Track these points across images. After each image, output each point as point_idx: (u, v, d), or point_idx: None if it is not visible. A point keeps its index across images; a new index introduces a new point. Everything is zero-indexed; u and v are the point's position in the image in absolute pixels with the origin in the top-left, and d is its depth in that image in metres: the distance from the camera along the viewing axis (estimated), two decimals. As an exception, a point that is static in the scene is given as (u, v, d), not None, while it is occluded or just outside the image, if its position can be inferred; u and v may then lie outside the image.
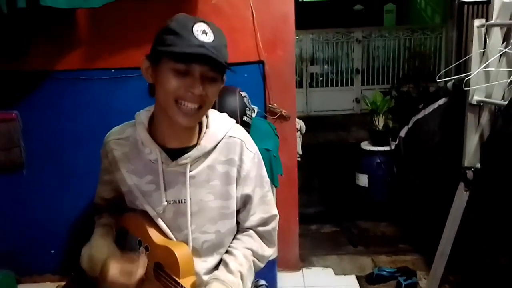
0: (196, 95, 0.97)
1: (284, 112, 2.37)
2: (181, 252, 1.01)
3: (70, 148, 2.35)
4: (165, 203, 1.07)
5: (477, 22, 1.87)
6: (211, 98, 1.02)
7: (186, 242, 1.08)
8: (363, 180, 3.52)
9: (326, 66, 5.84)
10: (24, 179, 2.37)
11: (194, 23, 0.96)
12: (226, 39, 1.03)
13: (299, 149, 2.98)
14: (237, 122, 1.19)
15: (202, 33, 0.96)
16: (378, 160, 3.50)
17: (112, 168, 1.14)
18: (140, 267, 1.02)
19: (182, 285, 0.96)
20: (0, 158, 2.26)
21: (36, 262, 2.48)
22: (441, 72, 2.22)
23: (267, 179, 1.20)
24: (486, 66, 1.79)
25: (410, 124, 3.08)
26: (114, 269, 1.03)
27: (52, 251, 2.48)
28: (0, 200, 2.40)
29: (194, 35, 0.95)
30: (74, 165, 2.35)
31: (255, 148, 1.16)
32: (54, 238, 2.45)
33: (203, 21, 0.98)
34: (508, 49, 1.71)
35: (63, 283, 2.46)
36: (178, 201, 1.08)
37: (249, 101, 2.01)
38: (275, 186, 1.96)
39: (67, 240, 2.43)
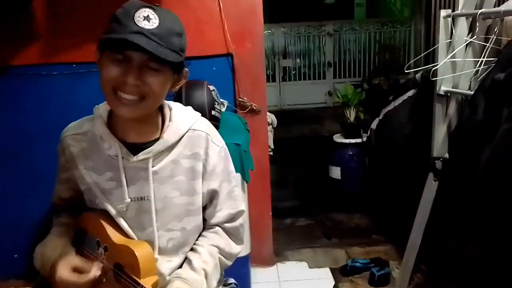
0: (130, 84, 0.91)
1: (255, 106, 2.34)
2: (141, 251, 0.96)
3: (30, 147, 2.24)
4: (128, 200, 1.02)
5: (443, 13, 1.88)
6: (154, 89, 0.94)
7: (150, 241, 1.03)
8: (336, 172, 3.54)
9: (298, 60, 5.84)
10: (-18, 180, 2.25)
11: (138, 9, 0.90)
12: (191, 33, 0.97)
13: (271, 143, 2.95)
14: (205, 117, 1.14)
15: (144, 19, 0.89)
16: (351, 153, 3.52)
17: (69, 165, 1.08)
18: (94, 267, 0.96)
19: (142, 285, 0.92)
20: (-46, 160, 2.14)
21: (0, 267, 2.37)
22: (409, 63, 2.23)
23: (235, 174, 1.16)
24: (453, 56, 1.80)
25: (381, 116, 3.11)
26: (64, 269, 0.97)
27: (16, 255, 2.38)
28: (-44, 203, 2.28)
29: (134, 21, 0.89)
30: (35, 165, 2.24)
31: (221, 142, 1.12)
32: (17, 241, 2.34)
33: (151, 7, 0.91)
34: (473, 39, 1.72)
35: (28, 288, 2.37)
36: (141, 198, 1.03)
37: (218, 95, 1.96)
38: (246, 181, 1.92)
39: (30, 243, 2.29)
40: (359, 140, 3.52)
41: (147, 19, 0.90)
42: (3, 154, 2.26)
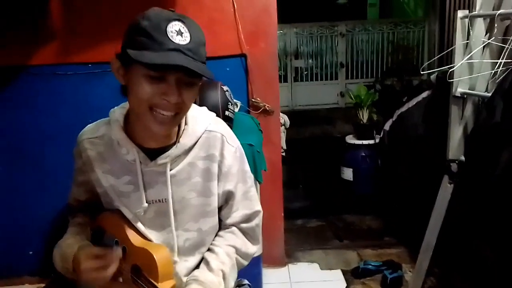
0: (171, 103, 0.91)
1: (268, 106, 2.33)
2: (160, 255, 0.96)
3: (46, 146, 2.27)
4: (146, 204, 1.03)
5: (460, 13, 1.85)
6: (188, 104, 0.96)
7: (167, 241, 1.04)
8: (348, 174, 3.52)
9: (310, 60, 5.83)
10: (-2, 178, 2.28)
11: (168, 23, 0.88)
12: (205, 34, 0.95)
13: (284, 144, 2.95)
14: (219, 117, 1.14)
15: (177, 34, 0.88)
16: (363, 154, 3.50)
17: (86, 168, 1.08)
18: (114, 258, 0.96)
19: (160, 289, 0.92)
20: (-28, 157, 2.18)
21: (14, 263, 2.41)
22: (424, 65, 2.20)
23: (250, 174, 1.16)
24: (470, 58, 1.78)
25: (394, 117, 3.08)
26: (87, 259, 0.96)
27: (30, 252, 2.41)
28: (-27, 201, 2.31)
29: (168, 37, 0.87)
30: (50, 164, 2.27)
31: (236, 142, 1.12)
32: (31, 238, 2.37)
33: (178, 18, 0.89)
34: (491, 40, 1.69)
35: (42, 285, 2.39)
36: (159, 201, 1.04)
37: (231, 95, 1.96)
38: (259, 182, 1.92)
39: (45, 241, 2.35)
40: (371, 142, 3.49)
41: (180, 34, 0.88)
42: (19, 152, 2.29)
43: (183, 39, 0.88)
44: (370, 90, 3.88)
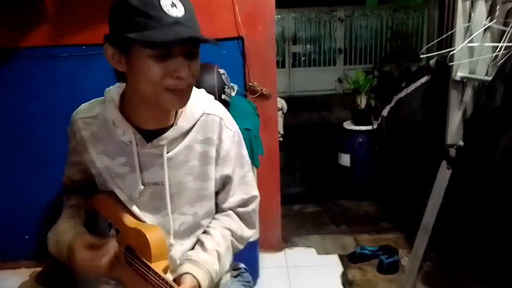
0: (184, 78, 0.89)
1: (265, 90, 2.30)
2: (153, 235, 0.95)
3: (40, 129, 2.24)
4: (142, 187, 1.01)
5: (462, -4, 1.82)
6: (197, 74, 0.94)
7: (162, 225, 1.02)
8: (345, 159, 3.51)
9: (308, 46, 5.78)
10: (-8, 163, 2.26)
11: None
12: (201, 15, 0.92)
13: (281, 129, 2.93)
14: (215, 100, 1.12)
15: (172, 6, 0.85)
16: (361, 140, 3.49)
17: (80, 148, 1.06)
18: (109, 249, 0.95)
19: (153, 270, 0.91)
20: (-35, 141, 2.15)
21: (10, 248, 2.40)
22: (423, 49, 2.17)
23: (248, 159, 1.14)
24: (470, 41, 1.75)
25: (393, 103, 3.05)
26: (81, 249, 0.96)
27: (26, 237, 2.40)
28: (-32, 185, 2.29)
29: (164, 12, 0.84)
30: (45, 147, 2.24)
31: (235, 126, 1.10)
32: (27, 223, 2.36)
33: None
34: (492, 23, 1.66)
35: (38, 269, 2.39)
36: (155, 183, 1.02)
37: (228, 79, 1.93)
38: (256, 167, 1.91)
39: (41, 225, 2.34)
40: (369, 127, 3.48)
41: (174, 6, 0.85)
42: (13, 136, 2.26)
43: (179, 11, 0.86)
44: (368, 76, 3.85)
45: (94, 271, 0.97)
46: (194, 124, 1.02)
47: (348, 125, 3.59)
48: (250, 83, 2.29)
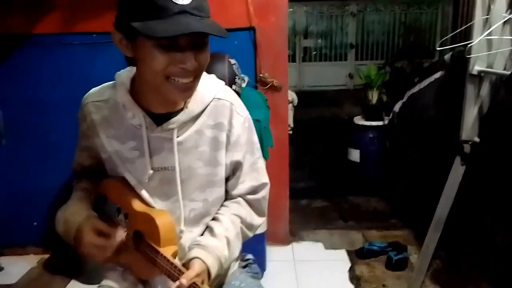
0: (189, 69, 0.86)
1: (276, 82, 2.28)
2: (161, 219, 0.93)
3: (50, 116, 2.25)
4: (151, 171, 1.00)
5: (481, -12, 1.77)
6: (204, 66, 0.91)
7: (172, 211, 1.01)
8: (355, 155, 3.47)
9: (319, 40, 5.73)
10: (3, 149, 2.27)
11: None
12: (213, 5, 0.89)
13: (291, 122, 2.91)
14: (226, 89, 1.10)
15: None
16: (371, 135, 3.44)
17: (90, 133, 1.05)
18: (118, 230, 0.94)
19: (162, 254, 0.90)
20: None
21: (19, 234, 2.42)
22: (439, 42, 2.13)
23: (258, 146, 1.12)
24: (489, 34, 1.70)
25: (405, 99, 3.01)
26: (90, 233, 0.95)
27: (35, 223, 2.42)
28: (-22, 171, 2.31)
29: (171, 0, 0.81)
30: (54, 134, 2.25)
31: (245, 112, 1.08)
32: (36, 210, 2.37)
33: None
34: (512, 16, 1.62)
35: (46, 256, 2.41)
36: (165, 168, 1.01)
37: (239, 69, 1.91)
38: (265, 159, 1.88)
39: (50, 212, 2.35)
40: (380, 123, 3.43)
41: None
42: (23, 122, 2.27)
43: None
44: (380, 71, 3.81)
45: (98, 258, 0.96)
46: (204, 109, 1.01)
47: (358, 120, 3.55)
48: (261, 75, 2.27)
